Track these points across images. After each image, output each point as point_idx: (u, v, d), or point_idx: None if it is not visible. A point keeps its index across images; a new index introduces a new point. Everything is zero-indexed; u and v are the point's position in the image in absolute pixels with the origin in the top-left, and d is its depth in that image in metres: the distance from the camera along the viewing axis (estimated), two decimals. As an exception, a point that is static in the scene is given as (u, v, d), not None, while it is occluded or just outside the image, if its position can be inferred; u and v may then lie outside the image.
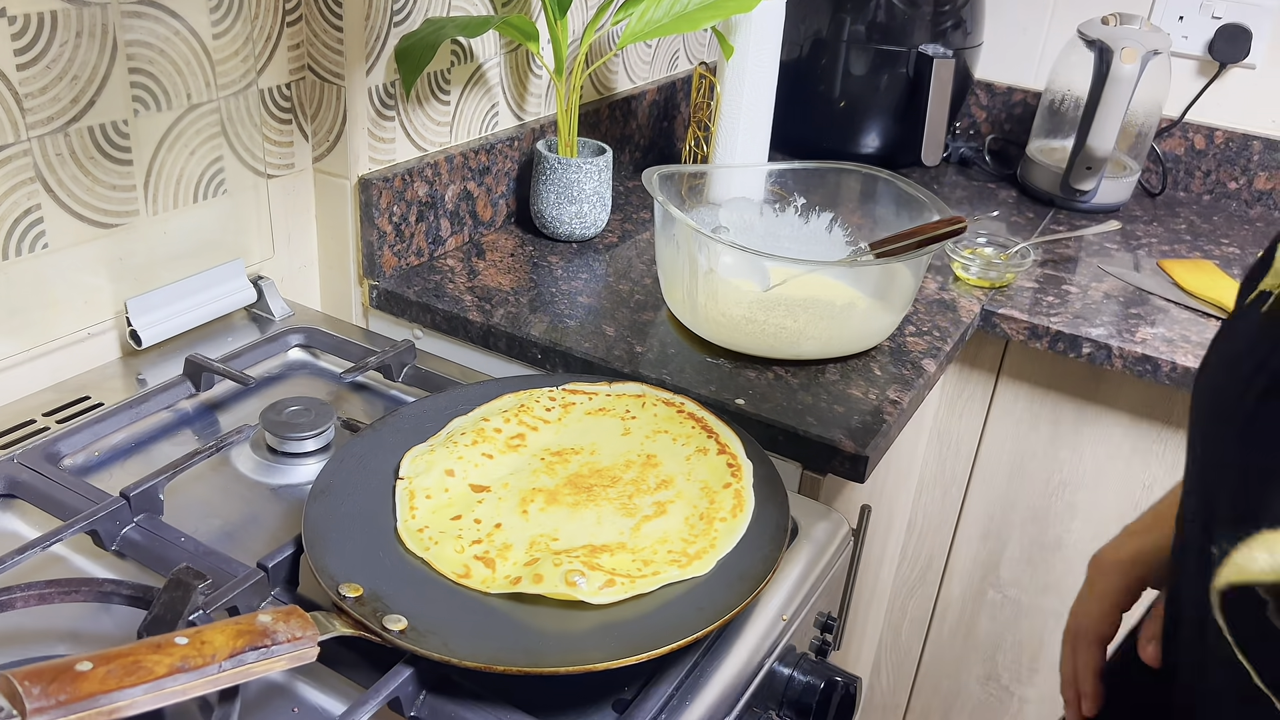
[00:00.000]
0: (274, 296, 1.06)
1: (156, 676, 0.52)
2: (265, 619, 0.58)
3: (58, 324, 0.91)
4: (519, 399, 0.87)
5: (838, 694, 0.76)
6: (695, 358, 1.03)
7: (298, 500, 0.82)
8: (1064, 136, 1.55)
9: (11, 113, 0.81)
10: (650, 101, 1.52)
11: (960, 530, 1.37)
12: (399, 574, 0.69)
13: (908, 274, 1.04)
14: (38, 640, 0.66)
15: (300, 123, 1.07)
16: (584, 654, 0.62)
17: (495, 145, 1.23)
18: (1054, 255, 1.37)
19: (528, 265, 1.20)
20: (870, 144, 1.61)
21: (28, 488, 0.77)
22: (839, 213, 1.17)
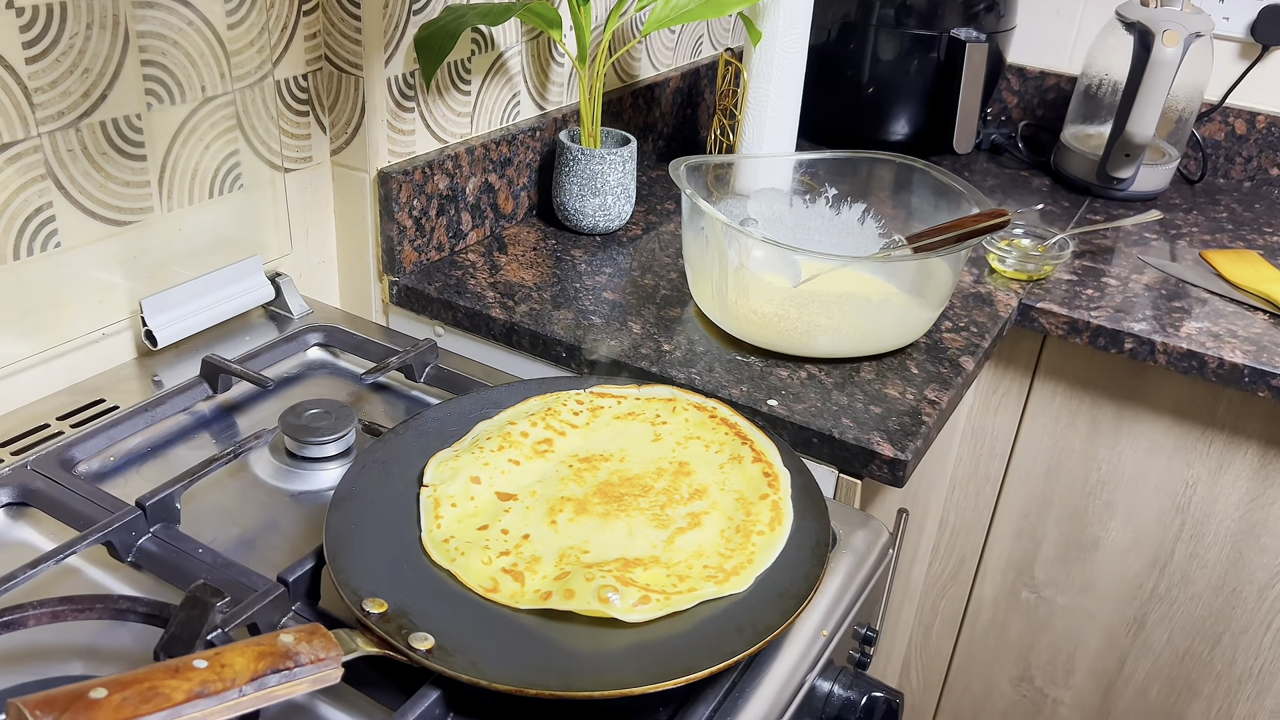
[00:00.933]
0: (292, 294, 1.04)
1: (175, 703, 0.49)
2: (287, 639, 0.55)
3: (71, 325, 0.88)
4: (545, 402, 0.84)
5: (879, 710, 0.73)
6: (725, 356, 1.00)
7: (318, 507, 0.79)
8: (1101, 122, 1.51)
9: (21, 108, 0.79)
10: (674, 89, 1.49)
11: (994, 529, 1.33)
12: (424, 587, 0.66)
13: (946, 269, 1.00)
14: (53, 658, 0.64)
15: (318, 115, 1.04)
16: (618, 676, 0.60)
17: (517, 136, 1.20)
18: (1091, 246, 1.33)
19: (550, 259, 1.17)
20: (899, 131, 1.56)
21: (42, 496, 0.75)
22: (872, 204, 1.14)
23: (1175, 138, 1.50)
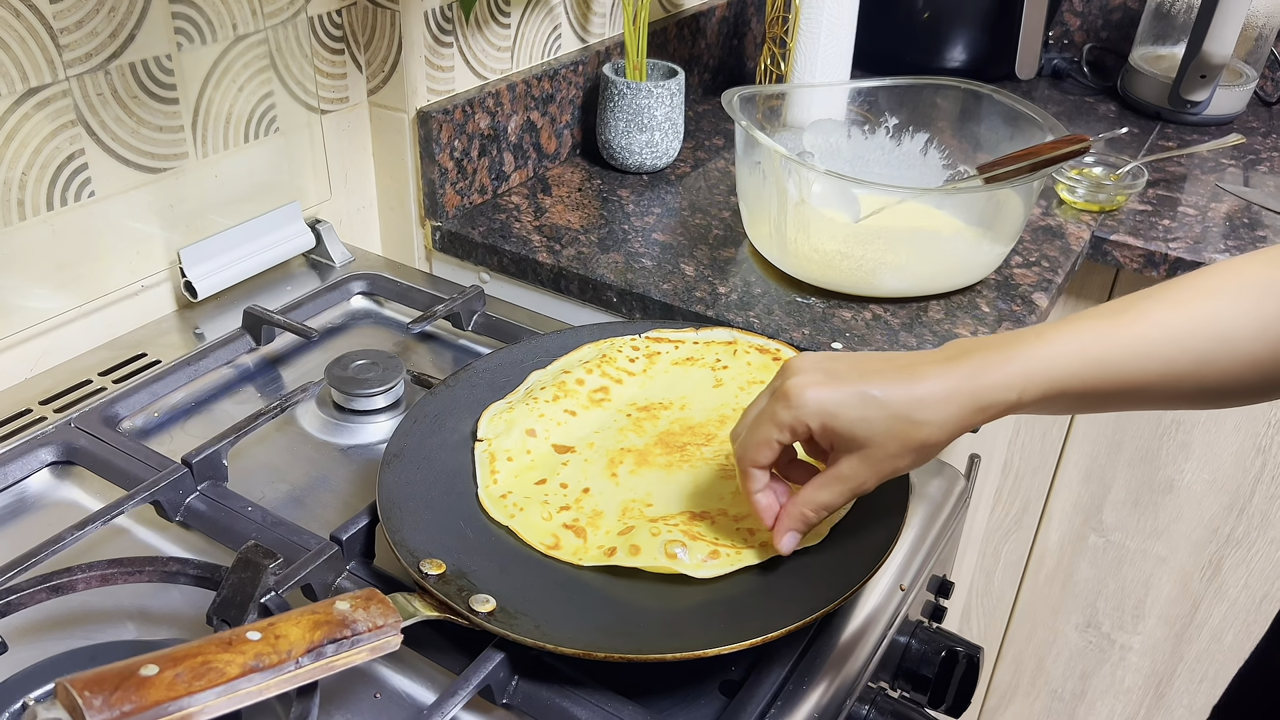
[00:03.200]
0: (333, 241, 1.00)
1: (229, 678, 0.47)
2: (343, 606, 0.53)
3: (109, 277, 0.86)
4: (599, 349, 0.80)
5: (960, 665, 0.70)
6: (784, 297, 0.95)
7: (368, 461, 0.77)
8: (1173, 43, 1.42)
9: (47, 50, 0.75)
10: (720, 18, 1.42)
11: (1060, 473, 1.29)
12: (483, 546, 0.63)
13: (1017, 201, 0.94)
14: (104, 621, 0.62)
15: (353, 52, 1.00)
16: (689, 637, 0.56)
17: (559, 71, 1.15)
18: (1164, 174, 1.26)
19: (597, 200, 1.12)
20: (956, 58, 1.49)
21: (86, 454, 0.73)
22: (934, 134, 1.08)
23: (1254, 57, 1.42)
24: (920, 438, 0.57)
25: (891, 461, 0.57)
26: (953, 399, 0.56)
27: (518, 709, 0.57)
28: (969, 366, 0.57)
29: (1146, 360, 0.56)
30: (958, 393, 0.56)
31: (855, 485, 0.58)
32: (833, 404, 0.56)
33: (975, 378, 0.56)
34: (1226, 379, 0.56)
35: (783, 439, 0.58)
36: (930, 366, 0.57)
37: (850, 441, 0.57)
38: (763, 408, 0.59)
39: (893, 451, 0.57)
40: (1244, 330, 0.55)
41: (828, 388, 0.57)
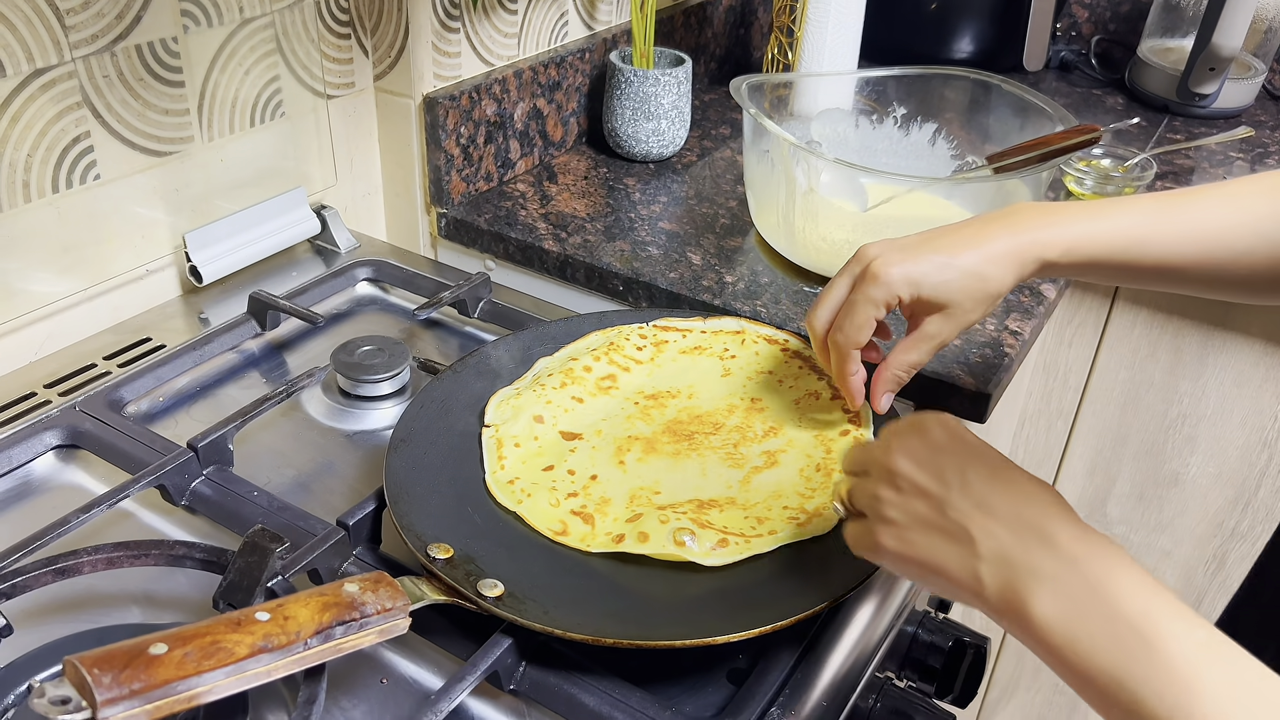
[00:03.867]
0: (338, 227, 1.00)
1: (238, 658, 0.46)
2: (352, 588, 0.52)
3: (114, 261, 0.85)
4: (607, 336, 0.80)
5: (968, 656, 0.69)
6: (791, 287, 0.95)
7: (374, 447, 0.76)
8: (1182, 35, 1.42)
9: (53, 30, 0.75)
10: (727, 7, 1.41)
11: (1065, 465, 1.28)
12: (491, 531, 0.63)
13: (1026, 191, 0.94)
14: (109, 604, 0.62)
15: (360, 37, 0.99)
16: (697, 624, 0.56)
17: (565, 58, 1.14)
18: (1172, 167, 1.25)
19: (603, 188, 1.12)
20: (964, 49, 1.48)
21: (91, 438, 0.72)
22: (943, 124, 1.07)
23: (1262, 50, 1.41)
24: (992, 290, 0.64)
25: (967, 315, 0.65)
26: (1013, 254, 0.64)
27: (525, 695, 0.57)
28: (1027, 223, 0.64)
29: (1185, 246, 0.63)
30: (1017, 248, 0.64)
31: (940, 341, 0.66)
32: (917, 274, 0.64)
33: (1033, 233, 0.64)
34: (1257, 273, 0.63)
35: (879, 315, 0.66)
36: (994, 225, 0.65)
37: (934, 304, 0.65)
38: (853, 292, 0.66)
39: (969, 307, 0.65)
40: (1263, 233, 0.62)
41: (910, 261, 0.64)
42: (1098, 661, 0.43)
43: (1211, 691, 0.41)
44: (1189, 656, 0.42)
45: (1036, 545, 0.46)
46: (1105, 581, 0.44)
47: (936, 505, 0.49)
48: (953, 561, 0.48)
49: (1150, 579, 0.45)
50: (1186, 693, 0.41)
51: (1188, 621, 0.43)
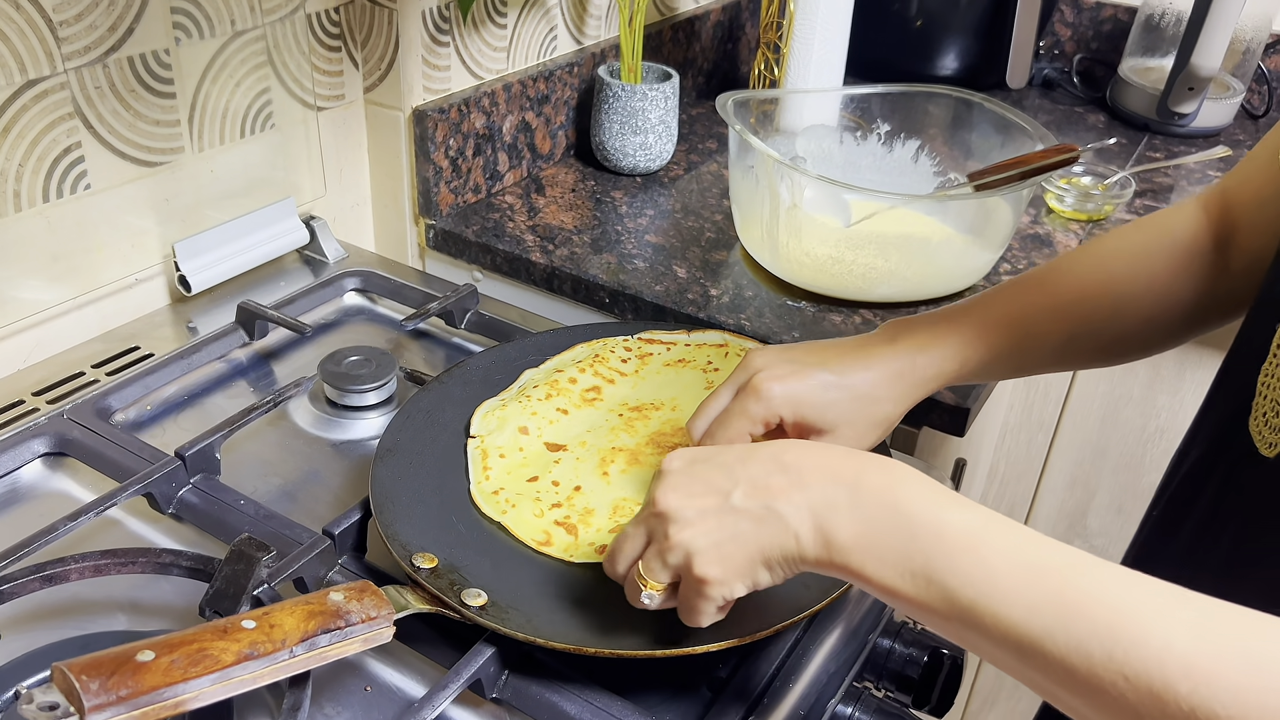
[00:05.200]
0: (327, 237, 1.00)
1: (224, 665, 0.47)
2: (337, 597, 0.53)
3: (103, 270, 0.86)
4: (592, 349, 0.81)
5: (945, 666, 0.70)
6: (775, 301, 0.96)
7: (360, 456, 0.77)
8: (1162, 55, 1.44)
9: (46, 42, 0.75)
10: (714, 22, 1.43)
11: (1045, 478, 1.30)
12: (475, 542, 0.64)
13: (1007, 209, 0.95)
14: (95, 611, 0.63)
15: (350, 50, 1.00)
16: (678, 635, 0.57)
17: (554, 72, 1.16)
18: (1152, 185, 1.27)
19: (590, 201, 1.13)
20: (948, 66, 1.50)
21: (79, 446, 0.73)
22: (926, 141, 1.09)
23: (1240, 71, 1.43)
24: (880, 413, 0.63)
25: (858, 440, 0.63)
26: (904, 376, 0.63)
27: (507, 703, 0.58)
28: (911, 345, 0.64)
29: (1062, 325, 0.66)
30: (905, 372, 0.63)
31: None
32: (799, 393, 0.61)
33: (919, 355, 0.64)
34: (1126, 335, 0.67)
35: (755, 431, 0.62)
36: (878, 349, 0.64)
37: (820, 426, 0.62)
38: (731, 403, 0.63)
39: (859, 429, 0.63)
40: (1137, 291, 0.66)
41: (793, 380, 0.62)
42: (902, 565, 0.44)
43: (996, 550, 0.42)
44: (969, 528, 0.44)
45: (821, 482, 0.48)
46: (887, 493, 0.46)
47: (726, 508, 0.49)
48: (771, 540, 0.48)
49: (933, 482, 0.47)
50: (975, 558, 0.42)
51: (964, 505, 0.45)
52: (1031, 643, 0.41)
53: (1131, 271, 0.67)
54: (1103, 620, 0.39)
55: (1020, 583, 0.41)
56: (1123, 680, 0.38)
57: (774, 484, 0.48)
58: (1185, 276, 0.66)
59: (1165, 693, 0.37)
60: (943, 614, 0.44)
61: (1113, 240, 0.69)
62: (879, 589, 0.46)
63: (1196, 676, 0.37)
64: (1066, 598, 0.40)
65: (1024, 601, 0.41)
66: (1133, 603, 0.40)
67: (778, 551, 0.48)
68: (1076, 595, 0.40)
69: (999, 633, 0.42)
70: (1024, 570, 0.42)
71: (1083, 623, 0.40)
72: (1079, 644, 0.39)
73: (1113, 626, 0.39)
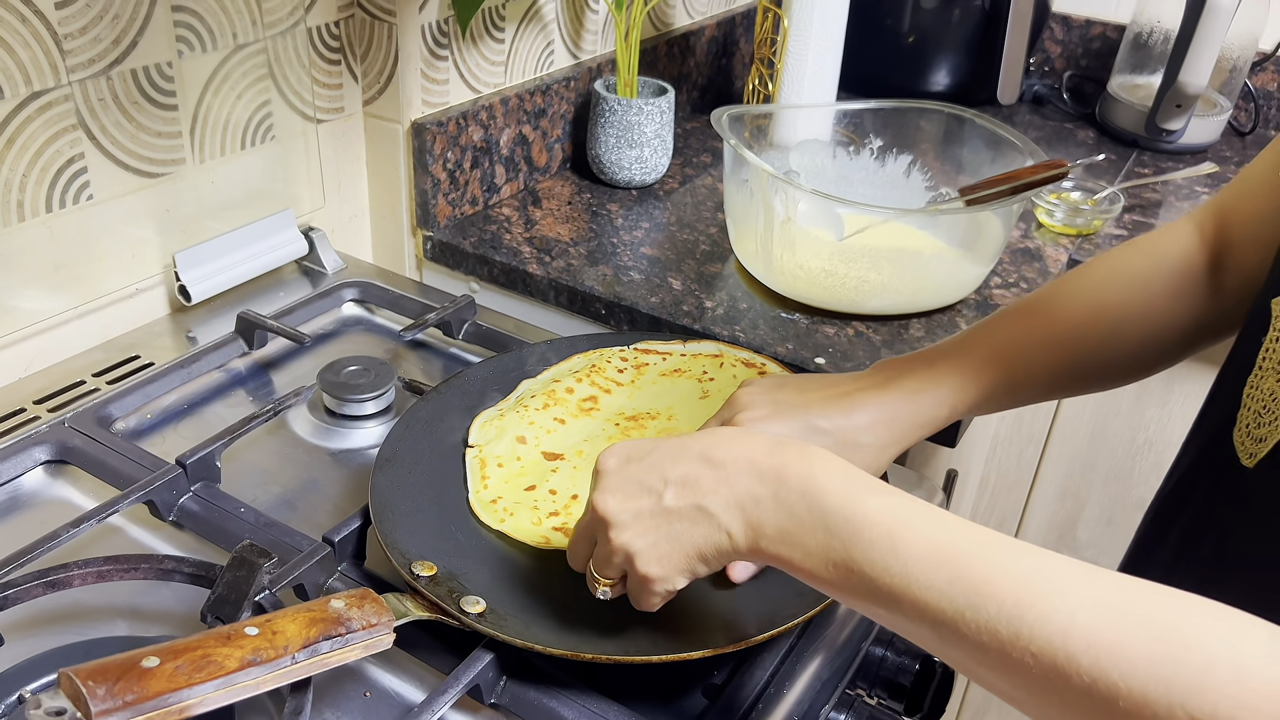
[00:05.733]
0: (326, 249, 1.01)
1: (228, 671, 0.48)
2: (338, 604, 0.54)
3: (104, 279, 0.87)
4: (589, 359, 0.82)
5: (936, 675, 0.71)
6: (769, 313, 0.97)
7: (358, 465, 0.78)
8: (1150, 72, 1.46)
9: (51, 55, 0.76)
10: (709, 38, 1.45)
11: (1036, 490, 1.31)
12: (473, 550, 0.65)
13: (998, 223, 0.97)
14: (96, 618, 0.63)
15: (350, 64, 1.01)
16: (675, 640, 0.58)
17: (551, 86, 1.17)
18: (1140, 200, 1.29)
19: (586, 214, 1.14)
20: (939, 82, 1.52)
21: (80, 454, 0.74)
22: (918, 156, 1.10)
23: (1227, 88, 1.45)
24: (861, 460, 0.62)
25: None
26: (893, 422, 0.63)
27: (505, 709, 0.59)
28: (903, 389, 0.64)
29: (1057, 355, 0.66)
30: (896, 417, 0.63)
31: None
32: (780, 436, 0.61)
33: (911, 400, 0.64)
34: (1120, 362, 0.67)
35: None
36: (868, 394, 0.64)
37: None
38: None
39: None
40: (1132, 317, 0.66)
41: (774, 422, 0.62)
42: (823, 555, 0.46)
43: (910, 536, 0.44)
44: (884, 515, 0.45)
45: (746, 477, 0.49)
46: (808, 483, 0.47)
47: (659, 510, 0.51)
48: (703, 536, 0.50)
49: (848, 467, 0.48)
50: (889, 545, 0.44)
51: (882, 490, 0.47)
52: (946, 624, 0.42)
53: (1126, 298, 0.67)
54: (1010, 598, 0.41)
55: (932, 566, 0.43)
56: (1030, 657, 0.39)
57: (703, 482, 0.50)
58: (1180, 300, 0.67)
59: (1068, 665, 0.39)
60: (864, 599, 0.46)
61: (1105, 266, 0.69)
62: (805, 576, 0.48)
63: (1099, 648, 0.38)
64: (976, 579, 0.42)
65: (937, 585, 0.42)
66: (1039, 580, 0.41)
67: (711, 547, 0.51)
68: (985, 575, 0.42)
69: (916, 615, 0.43)
70: (936, 554, 0.43)
71: (991, 603, 0.41)
72: (988, 623, 0.41)
73: (1020, 603, 0.40)
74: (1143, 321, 0.66)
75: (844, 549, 0.46)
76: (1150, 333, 0.67)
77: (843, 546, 0.46)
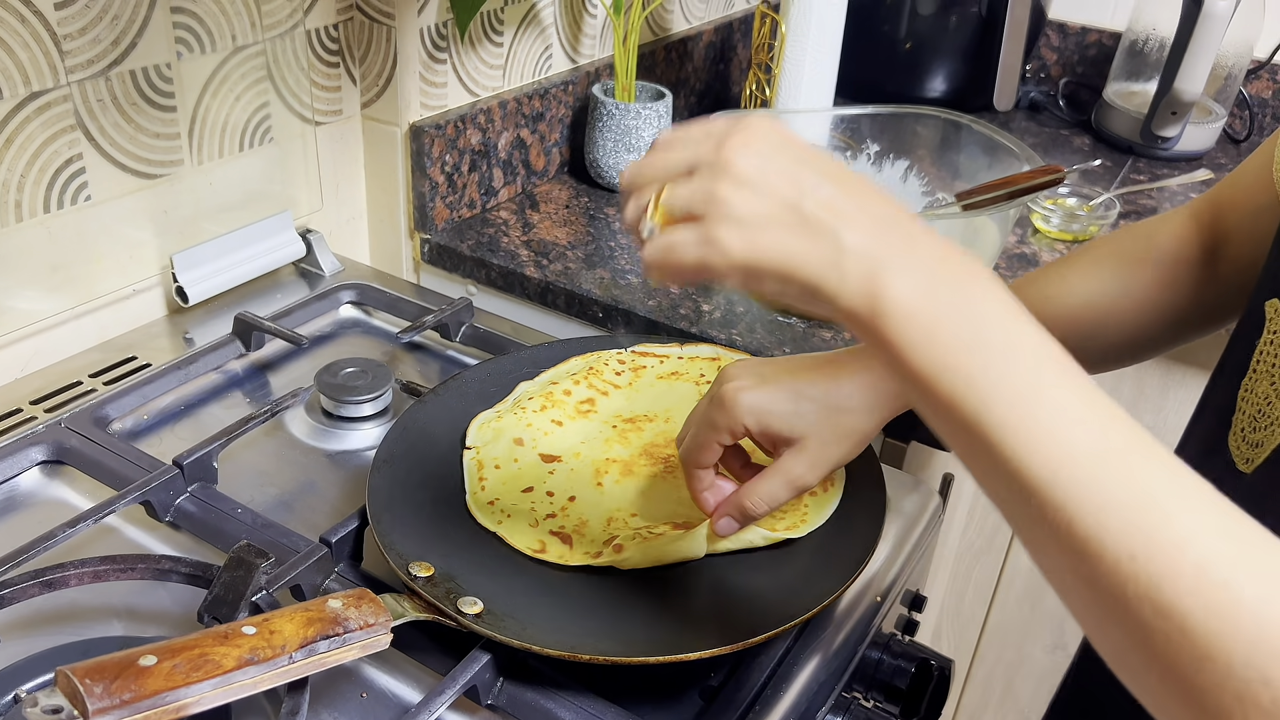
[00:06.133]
0: (323, 251, 1.01)
1: (225, 670, 0.48)
2: (335, 604, 0.54)
3: (102, 280, 0.87)
4: (587, 361, 0.82)
5: (933, 677, 0.71)
6: (766, 316, 0.97)
7: (355, 467, 0.78)
8: (1146, 80, 1.46)
9: (50, 55, 0.76)
10: (707, 43, 1.45)
11: (1031, 495, 1.31)
12: (470, 551, 0.65)
13: (993, 228, 0.97)
14: (92, 618, 0.63)
15: (348, 66, 1.01)
16: (672, 642, 0.58)
17: (549, 90, 1.17)
18: (1135, 206, 1.29)
19: (583, 217, 1.14)
20: (936, 88, 1.52)
21: (77, 454, 0.74)
22: (914, 161, 1.10)
23: (1222, 96, 1.46)
24: (849, 424, 0.61)
25: (825, 450, 0.61)
26: (876, 385, 0.62)
27: (502, 710, 0.59)
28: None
29: None
30: (883, 379, 0.61)
31: (793, 476, 0.61)
32: (765, 403, 0.61)
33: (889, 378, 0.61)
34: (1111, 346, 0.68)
35: (721, 440, 0.62)
36: (853, 360, 0.63)
37: (787, 437, 0.61)
38: (702, 413, 0.63)
39: (826, 440, 0.61)
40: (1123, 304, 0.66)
41: (759, 390, 0.61)
42: (948, 360, 0.40)
43: (1053, 406, 0.39)
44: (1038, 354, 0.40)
45: (901, 243, 0.43)
46: (965, 281, 0.42)
47: (792, 202, 0.43)
48: (812, 255, 0.43)
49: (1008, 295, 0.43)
50: (1030, 409, 0.39)
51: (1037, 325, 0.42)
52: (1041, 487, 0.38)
53: (1119, 284, 0.68)
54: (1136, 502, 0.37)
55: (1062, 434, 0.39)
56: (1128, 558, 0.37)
57: (855, 216, 0.43)
58: (1173, 287, 0.67)
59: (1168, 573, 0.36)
60: (965, 427, 0.40)
61: (1095, 253, 0.70)
62: (910, 371, 0.41)
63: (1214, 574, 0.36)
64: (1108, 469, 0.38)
65: (1056, 452, 0.38)
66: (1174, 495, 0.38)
67: (811, 274, 0.43)
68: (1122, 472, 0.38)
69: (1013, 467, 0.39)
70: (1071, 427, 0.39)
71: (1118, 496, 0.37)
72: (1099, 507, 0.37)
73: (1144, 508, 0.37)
74: (1133, 308, 0.67)
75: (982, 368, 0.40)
76: (1143, 319, 0.67)
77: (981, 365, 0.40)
